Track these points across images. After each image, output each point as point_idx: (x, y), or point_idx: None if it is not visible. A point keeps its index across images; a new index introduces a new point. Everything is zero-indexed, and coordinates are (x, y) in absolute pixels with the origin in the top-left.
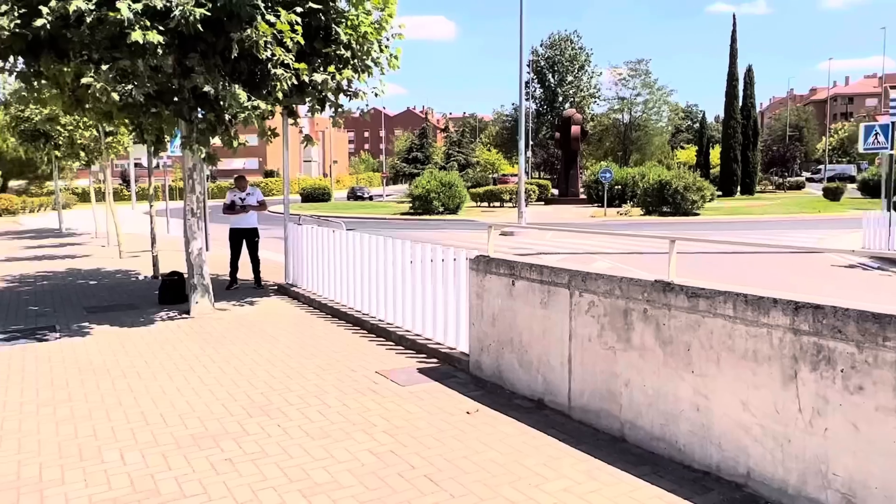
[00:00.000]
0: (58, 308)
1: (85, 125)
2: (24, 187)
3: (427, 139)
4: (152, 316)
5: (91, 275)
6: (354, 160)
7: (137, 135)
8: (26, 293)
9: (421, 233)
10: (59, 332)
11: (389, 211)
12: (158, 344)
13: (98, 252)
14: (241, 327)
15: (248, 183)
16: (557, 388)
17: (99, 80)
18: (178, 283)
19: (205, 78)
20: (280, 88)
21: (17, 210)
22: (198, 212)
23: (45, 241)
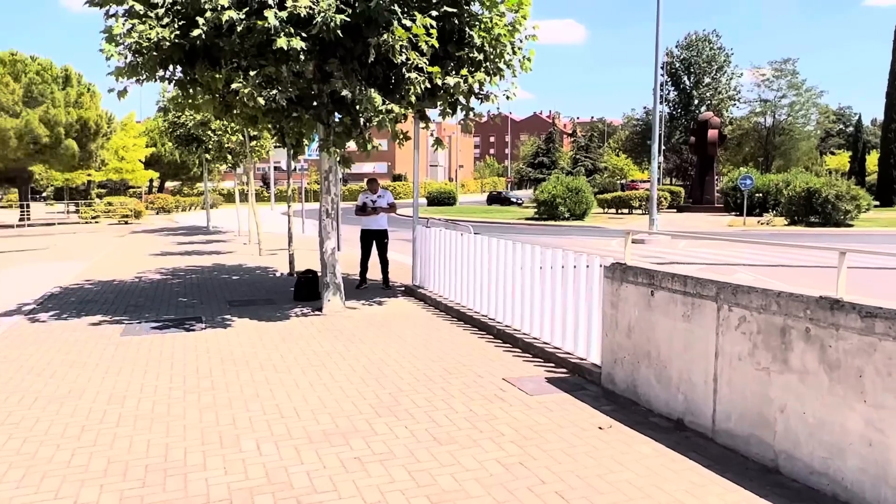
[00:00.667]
0: (203, 300)
1: (232, 130)
2: (179, 188)
3: (553, 144)
4: (287, 311)
5: (233, 270)
6: (480, 165)
7: (279, 139)
8: (177, 286)
9: (546, 238)
10: (204, 323)
11: (514, 216)
12: (293, 339)
13: (240, 249)
14: (370, 326)
15: (380, 186)
16: (700, 409)
17: (247, 86)
18: (312, 281)
19: (343, 82)
20: (413, 92)
21: (172, 209)
22: (332, 213)
23: (194, 238)
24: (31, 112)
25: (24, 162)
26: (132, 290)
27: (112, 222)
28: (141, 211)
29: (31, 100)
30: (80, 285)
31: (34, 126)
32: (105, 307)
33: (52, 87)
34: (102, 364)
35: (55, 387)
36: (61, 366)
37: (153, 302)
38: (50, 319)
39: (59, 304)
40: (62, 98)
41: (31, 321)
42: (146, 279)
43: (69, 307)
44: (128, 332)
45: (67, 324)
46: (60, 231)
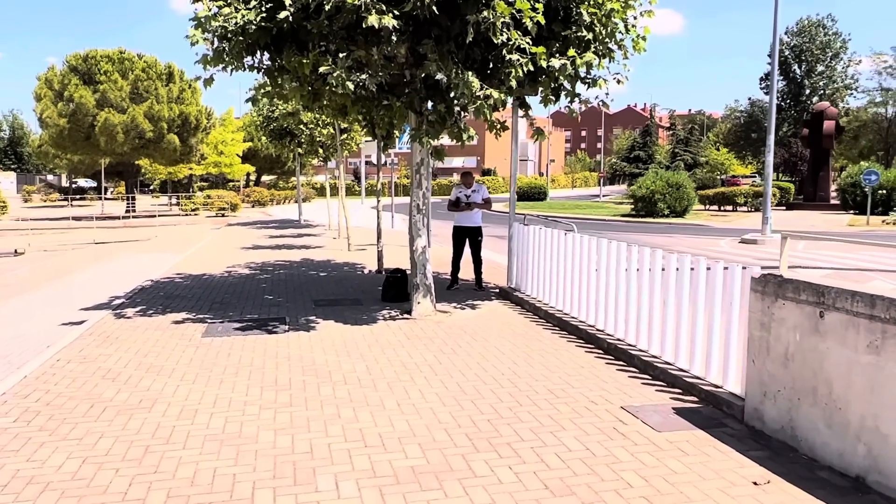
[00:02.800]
0: (289, 298)
1: (323, 123)
2: (274, 181)
3: (651, 137)
4: (374, 314)
5: (321, 266)
6: (570, 159)
7: (369, 130)
8: (264, 281)
9: (648, 237)
10: (287, 324)
11: (608, 212)
12: (380, 346)
13: (329, 244)
14: (462, 334)
15: (474, 179)
16: (891, 468)
17: (336, 69)
18: (400, 281)
19: (437, 65)
20: (514, 76)
21: (267, 202)
22: (423, 208)
23: (285, 231)
24: (136, 108)
25: (131, 156)
26: (220, 286)
27: (210, 215)
28: (237, 204)
29: (137, 96)
30: (171, 279)
31: (139, 121)
32: (191, 303)
33: (157, 83)
34: (178, 370)
35: (127, 395)
36: (137, 370)
37: (239, 299)
38: (136, 315)
39: (147, 298)
40: (165, 94)
41: (117, 317)
42: (235, 274)
43: (156, 302)
44: (209, 332)
45: (151, 321)
46: (162, 223)
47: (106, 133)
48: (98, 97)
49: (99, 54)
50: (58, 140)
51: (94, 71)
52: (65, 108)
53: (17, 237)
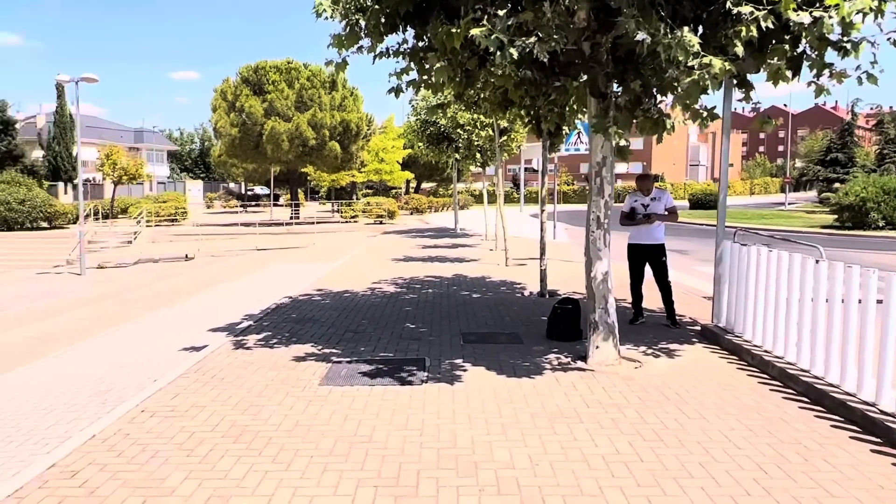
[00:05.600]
0: (433, 329)
1: (481, 125)
2: (434, 189)
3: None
4: (538, 360)
5: (475, 285)
6: (749, 164)
7: (533, 127)
8: (409, 303)
9: (869, 256)
10: (427, 370)
11: (802, 223)
12: (547, 418)
13: (485, 257)
14: (665, 402)
15: (654, 184)
16: None
17: (493, 31)
18: (571, 315)
19: (637, 21)
20: (743, 37)
21: (425, 209)
22: (605, 222)
23: (440, 241)
24: (300, 116)
25: (296, 163)
26: (359, 308)
27: (368, 222)
28: (395, 211)
29: (302, 104)
30: (309, 297)
31: (303, 129)
32: (321, 330)
33: (320, 91)
34: (275, 442)
35: (194, 486)
36: (224, 438)
37: (376, 327)
38: (255, 346)
39: (276, 321)
40: (328, 102)
41: (236, 346)
42: (378, 292)
43: (284, 328)
44: (331, 377)
45: (270, 355)
46: (321, 230)
47: (272, 141)
48: (266, 106)
49: (268, 65)
50: (230, 149)
51: (263, 81)
52: (236, 118)
53: (191, 242)
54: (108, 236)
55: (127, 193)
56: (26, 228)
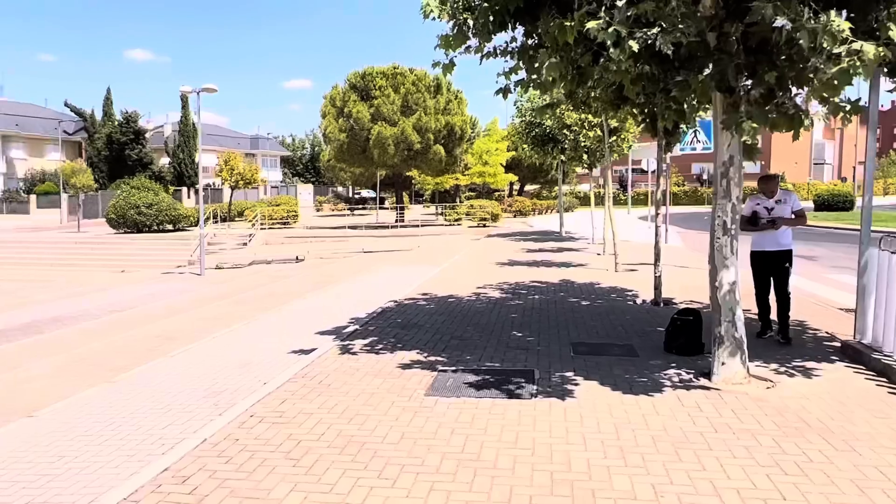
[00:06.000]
0: (541, 338)
1: (589, 125)
2: (537, 191)
3: None
4: (656, 375)
5: (583, 291)
6: (883, 161)
7: (647, 126)
8: (514, 310)
9: None
10: (536, 383)
11: None
12: (670, 443)
13: (593, 261)
14: (806, 430)
15: (779, 185)
16: None
17: (611, 24)
18: (692, 327)
19: (775, 6)
20: None
21: (528, 212)
22: (732, 227)
23: (545, 245)
24: (406, 120)
25: (401, 167)
26: (464, 313)
27: (472, 224)
28: (498, 214)
29: (407, 108)
30: (414, 301)
31: (408, 133)
32: (426, 336)
33: (425, 95)
34: (381, 454)
35: (300, 498)
36: (330, 448)
37: (482, 334)
38: (361, 351)
39: (382, 326)
40: (433, 105)
41: (343, 351)
42: (483, 297)
43: (389, 333)
44: (436, 386)
45: (376, 361)
46: (426, 233)
47: (378, 145)
48: (372, 112)
49: (375, 71)
50: (339, 154)
51: (370, 87)
52: (344, 123)
53: (301, 244)
54: (226, 238)
55: (243, 197)
56: (153, 230)
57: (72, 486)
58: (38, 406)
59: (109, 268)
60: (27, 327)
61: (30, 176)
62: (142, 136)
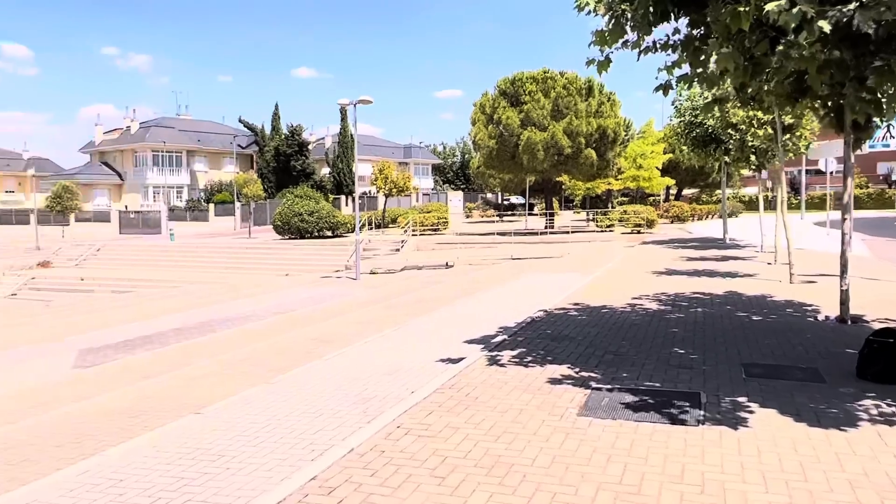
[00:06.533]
0: (707, 355)
1: (758, 122)
2: (696, 195)
3: None
4: (850, 405)
5: (753, 305)
6: None
7: (831, 121)
8: (675, 323)
9: None
10: (702, 409)
11: None
12: (874, 490)
13: (763, 271)
14: None
15: None
16: None
17: (796, 3)
18: (891, 352)
19: None
20: None
21: (687, 217)
22: None
23: (706, 253)
24: (555, 125)
25: (550, 172)
26: (619, 326)
27: (625, 231)
28: (653, 220)
29: (557, 113)
30: (565, 311)
31: (558, 138)
32: (578, 349)
33: (576, 98)
34: (529, 480)
35: None
36: (475, 468)
37: (638, 349)
38: (509, 363)
39: (531, 337)
40: (584, 109)
41: (490, 362)
42: (639, 309)
43: (539, 345)
44: (590, 406)
45: (525, 374)
46: (576, 239)
47: (528, 151)
48: (522, 117)
49: (525, 76)
50: (488, 160)
51: (519, 92)
52: (494, 130)
53: (451, 250)
54: (380, 244)
55: (396, 204)
56: (314, 237)
57: (227, 486)
58: (204, 403)
59: (275, 271)
60: (202, 326)
61: (209, 186)
62: (305, 148)
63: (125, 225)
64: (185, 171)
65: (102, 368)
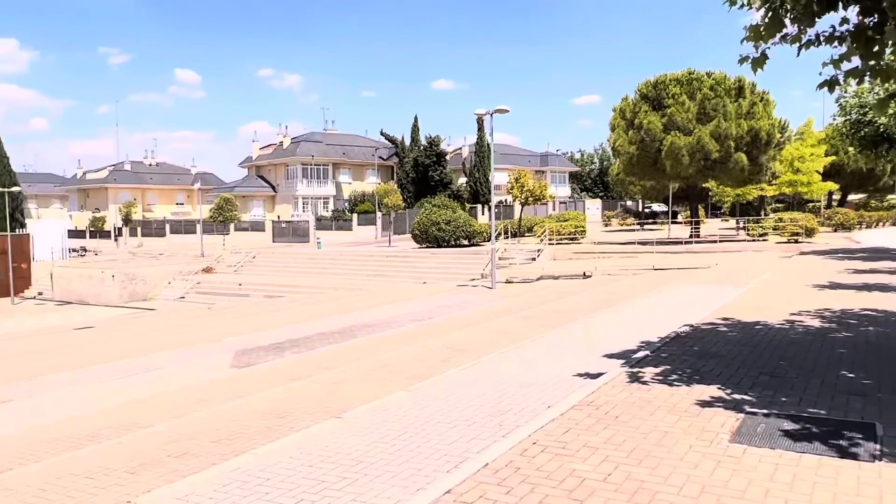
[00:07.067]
0: (884, 382)
1: None
2: (864, 201)
3: None
4: None
5: None
6: None
7: None
8: (842, 343)
9: None
10: (879, 442)
11: None
12: None
13: None
14: None
15: None
16: None
17: None
18: None
19: None
20: None
21: (852, 225)
22: None
23: (878, 265)
24: (701, 128)
25: (696, 178)
26: (776, 345)
27: (780, 240)
28: (813, 228)
29: (704, 116)
30: (714, 326)
31: (705, 142)
32: (728, 371)
33: (725, 100)
34: None
35: None
36: (616, 495)
37: (799, 371)
38: (652, 381)
39: (675, 354)
40: (733, 110)
41: (632, 379)
42: (799, 326)
43: (685, 362)
44: (743, 432)
45: (670, 394)
46: (724, 249)
47: (671, 156)
48: (665, 121)
49: (668, 78)
50: (628, 167)
51: (662, 96)
52: (634, 135)
53: (589, 260)
54: (516, 253)
55: (532, 213)
56: (451, 245)
57: (365, 493)
58: (345, 407)
59: (413, 279)
60: (344, 331)
61: (352, 197)
62: (443, 159)
63: (277, 234)
64: (331, 182)
65: (254, 369)
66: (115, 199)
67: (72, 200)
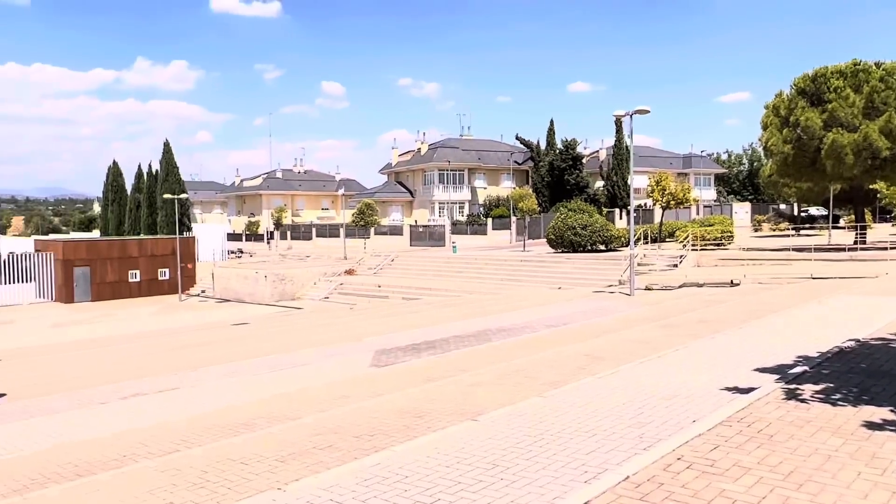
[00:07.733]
0: None
1: None
2: None
3: None
4: None
5: None
6: None
7: None
8: None
9: None
10: None
11: None
12: None
13: None
14: None
15: None
16: None
17: None
18: None
19: None
20: None
21: None
22: None
23: None
24: (869, 124)
25: (861, 179)
26: None
27: None
28: None
29: (872, 110)
30: (885, 342)
31: (873, 139)
32: None
33: None
34: None
35: None
36: None
37: None
38: (812, 399)
39: (838, 371)
40: None
41: (788, 396)
42: None
43: (849, 381)
44: None
45: (833, 414)
46: (894, 257)
47: (832, 156)
48: (825, 118)
49: (829, 71)
50: (782, 168)
51: (822, 90)
52: (790, 133)
53: (736, 267)
54: (656, 259)
55: (674, 218)
56: (587, 250)
57: (501, 498)
58: (480, 410)
59: (548, 284)
60: (479, 334)
61: (487, 202)
62: (579, 162)
63: (415, 238)
64: (467, 187)
65: (393, 369)
66: (267, 205)
67: (230, 206)
